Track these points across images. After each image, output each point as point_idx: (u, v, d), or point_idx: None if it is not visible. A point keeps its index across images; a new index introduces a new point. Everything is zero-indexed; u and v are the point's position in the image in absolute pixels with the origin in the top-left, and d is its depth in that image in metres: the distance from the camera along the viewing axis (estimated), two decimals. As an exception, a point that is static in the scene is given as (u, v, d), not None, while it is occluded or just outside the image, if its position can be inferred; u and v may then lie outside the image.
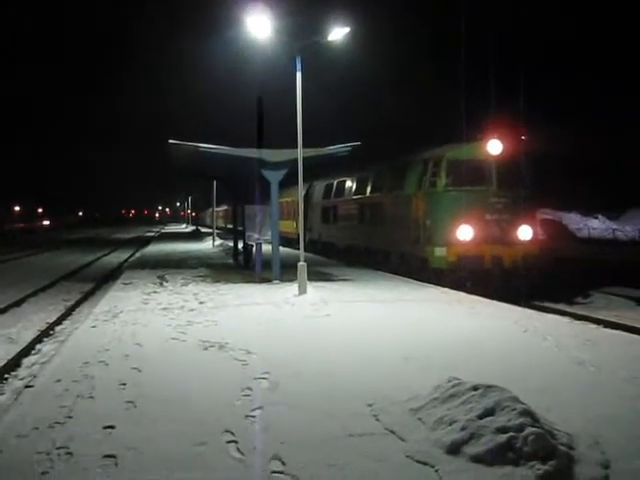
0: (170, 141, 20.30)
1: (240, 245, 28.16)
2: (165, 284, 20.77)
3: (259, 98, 25.27)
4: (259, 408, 7.46)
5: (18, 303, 19.31)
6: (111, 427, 6.90)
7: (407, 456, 6.03)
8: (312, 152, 20.66)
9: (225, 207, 75.80)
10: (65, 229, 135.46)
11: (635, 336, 12.06)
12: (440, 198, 20.18)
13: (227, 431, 6.73)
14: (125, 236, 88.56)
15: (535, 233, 20.58)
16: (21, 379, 10.48)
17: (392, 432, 6.65)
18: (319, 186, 35.00)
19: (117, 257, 42.26)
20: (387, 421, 6.94)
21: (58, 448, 6.34)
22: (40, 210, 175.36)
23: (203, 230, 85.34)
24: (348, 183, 29.82)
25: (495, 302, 16.20)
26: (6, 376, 10.84)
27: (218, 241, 47.30)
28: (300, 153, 17.90)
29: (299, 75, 17.76)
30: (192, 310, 15.16)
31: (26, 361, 11.96)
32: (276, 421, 7.02)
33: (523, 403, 6.42)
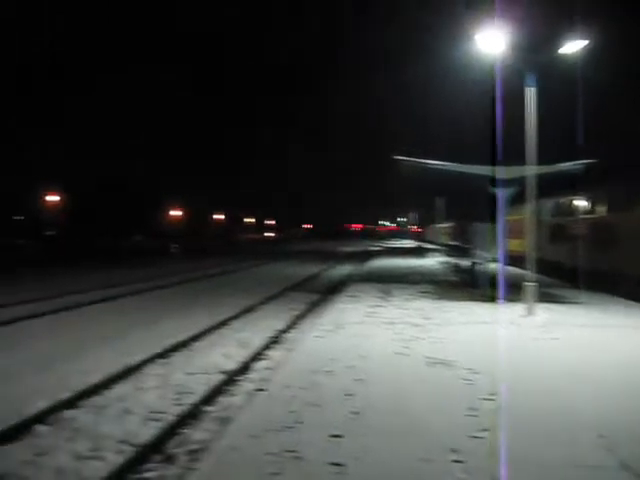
0: (398, 158, 20.47)
1: (465, 262, 27.83)
2: (389, 299, 20.94)
3: (493, 114, 24.81)
4: (485, 429, 7.29)
5: (248, 310, 20.35)
6: (338, 436, 7.04)
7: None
8: (543, 169, 19.94)
9: (450, 223, 75.40)
10: (291, 241, 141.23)
11: None
12: None
13: (452, 450, 6.63)
14: (349, 249, 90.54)
15: None
16: (252, 382, 10.99)
17: (628, 468, 6.22)
18: (547, 204, 33.82)
19: (341, 270, 43.31)
20: (622, 455, 6.50)
21: (287, 451, 6.57)
22: (269, 222, 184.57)
23: (427, 246, 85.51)
24: (578, 202, 28.53)
25: None
26: (238, 379, 11.42)
27: (442, 258, 47.14)
28: (531, 171, 17.36)
29: (531, 90, 17.26)
30: (416, 326, 15.17)
31: (256, 366, 12.50)
32: (501, 444, 6.80)
33: None
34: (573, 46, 17.03)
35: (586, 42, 16.78)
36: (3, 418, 8.66)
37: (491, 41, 16.99)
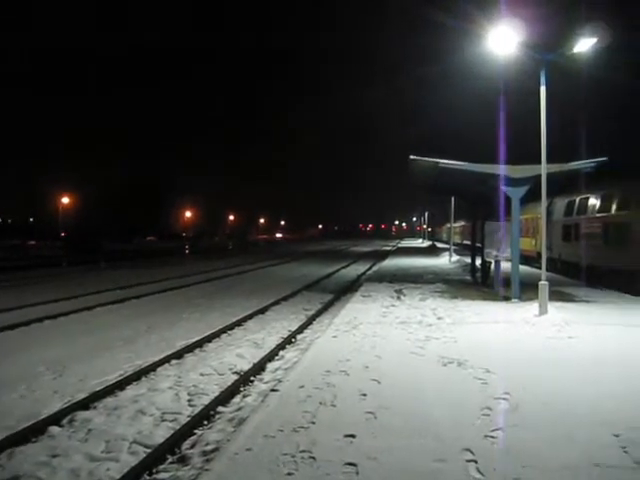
0: (411, 157, 20.44)
1: (478, 262, 27.80)
2: (403, 298, 20.95)
3: (500, 112, 24.76)
4: (499, 429, 7.28)
5: (262, 311, 20.36)
6: (352, 436, 7.06)
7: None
8: (555, 168, 19.82)
9: (462, 223, 75.37)
10: (304, 241, 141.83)
11: None
12: None
13: (466, 449, 6.63)
14: (362, 249, 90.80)
15: None
16: (266, 382, 10.99)
17: (644, 466, 6.21)
18: (560, 203, 33.63)
19: (355, 270, 43.32)
20: (637, 455, 6.50)
21: (302, 451, 6.61)
22: (282, 222, 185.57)
23: (439, 245, 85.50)
24: (592, 200, 28.37)
25: None
26: (252, 379, 11.45)
27: (455, 257, 47.06)
28: (544, 169, 17.31)
29: (543, 89, 17.22)
30: (430, 325, 15.17)
31: (270, 366, 12.49)
32: (516, 444, 6.80)
33: None
34: (585, 44, 16.86)
35: (595, 40, 16.51)
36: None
37: (503, 40, 16.90)
